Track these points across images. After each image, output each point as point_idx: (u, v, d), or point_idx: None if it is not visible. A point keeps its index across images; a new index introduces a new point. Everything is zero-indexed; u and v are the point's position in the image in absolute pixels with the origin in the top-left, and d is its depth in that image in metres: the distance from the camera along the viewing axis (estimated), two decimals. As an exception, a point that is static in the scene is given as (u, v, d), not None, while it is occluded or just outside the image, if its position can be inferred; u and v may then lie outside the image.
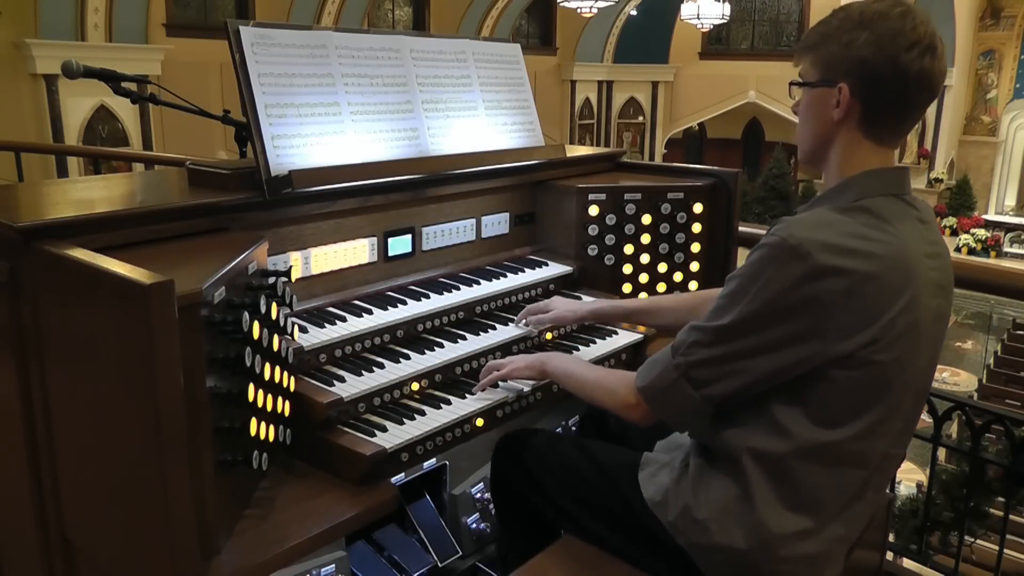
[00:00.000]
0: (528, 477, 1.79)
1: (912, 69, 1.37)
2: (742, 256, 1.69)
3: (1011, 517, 2.90)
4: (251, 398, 1.45)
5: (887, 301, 1.34)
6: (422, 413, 1.78)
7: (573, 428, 2.26)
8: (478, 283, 2.26)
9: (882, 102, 1.41)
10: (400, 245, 2.20)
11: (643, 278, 2.57)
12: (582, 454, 1.78)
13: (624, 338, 2.27)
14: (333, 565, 1.63)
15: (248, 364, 1.42)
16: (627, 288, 2.55)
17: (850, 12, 1.41)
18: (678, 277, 2.61)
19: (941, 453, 2.83)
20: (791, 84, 1.52)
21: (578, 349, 2.19)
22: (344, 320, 1.92)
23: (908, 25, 1.37)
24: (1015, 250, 17.00)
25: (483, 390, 1.89)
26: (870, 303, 1.33)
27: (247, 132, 1.83)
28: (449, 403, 1.84)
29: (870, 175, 1.43)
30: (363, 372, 1.80)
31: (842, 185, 1.45)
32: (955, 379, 11.58)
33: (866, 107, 1.42)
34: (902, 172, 1.48)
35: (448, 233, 2.34)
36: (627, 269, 2.54)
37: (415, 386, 1.87)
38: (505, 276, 2.35)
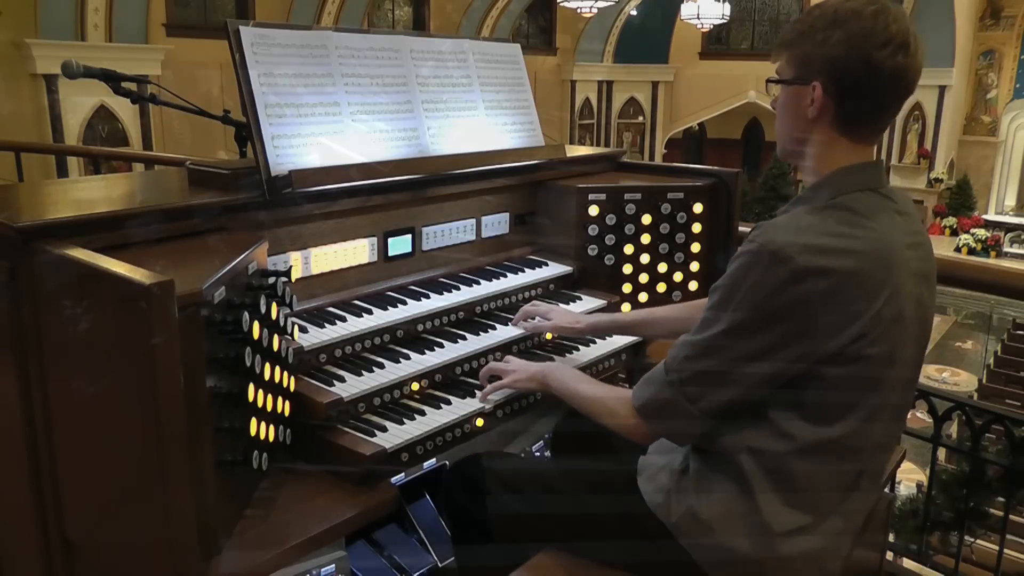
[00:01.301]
0: (495, 501, 1.71)
1: (885, 67, 1.37)
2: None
3: (1011, 517, 2.90)
4: (251, 398, 1.45)
5: (871, 295, 1.34)
6: (422, 413, 1.78)
7: (536, 452, 2.23)
8: (478, 283, 2.26)
9: (856, 100, 1.41)
10: (400, 245, 2.20)
11: (643, 278, 2.57)
12: (560, 469, 1.76)
13: (623, 338, 2.27)
14: (333, 565, 1.63)
15: (248, 364, 1.42)
16: (627, 288, 2.55)
17: (825, 10, 1.41)
18: (678, 277, 2.61)
19: (941, 453, 2.83)
20: (767, 81, 1.52)
21: (578, 349, 2.19)
22: (344, 320, 1.92)
23: (880, 24, 1.37)
24: (1015, 250, 16.97)
25: (486, 399, 1.87)
26: (854, 299, 1.33)
27: (247, 132, 1.83)
28: (449, 403, 1.84)
29: (845, 171, 1.44)
30: (363, 372, 1.81)
31: (818, 184, 1.46)
32: (955, 379, 11.56)
33: (839, 105, 1.42)
34: (877, 166, 1.49)
35: (448, 233, 2.34)
36: (627, 269, 2.54)
37: (415, 386, 1.87)
38: (505, 276, 2.35)
